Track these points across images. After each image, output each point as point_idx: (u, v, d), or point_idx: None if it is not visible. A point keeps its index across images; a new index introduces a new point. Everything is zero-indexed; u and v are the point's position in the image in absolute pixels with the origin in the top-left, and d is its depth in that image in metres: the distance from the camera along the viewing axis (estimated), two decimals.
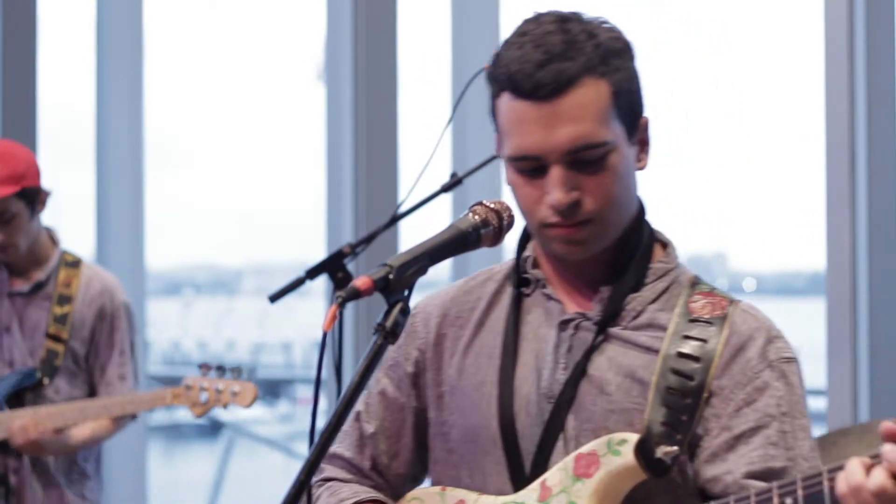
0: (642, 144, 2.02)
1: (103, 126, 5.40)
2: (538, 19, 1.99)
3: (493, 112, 2.01)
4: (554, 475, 1.94)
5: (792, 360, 2.00)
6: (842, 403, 4.92)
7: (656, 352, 1.97)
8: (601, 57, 1.94)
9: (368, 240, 3.51)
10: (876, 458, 1.70)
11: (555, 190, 1.93)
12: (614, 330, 2.00)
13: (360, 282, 1.78)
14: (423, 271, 1.86)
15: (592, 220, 1.95)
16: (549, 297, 2.04)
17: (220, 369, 3.82)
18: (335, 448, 2.18)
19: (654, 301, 2.02)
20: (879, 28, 4.93)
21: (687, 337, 1.97)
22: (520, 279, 2.08)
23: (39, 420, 3.77)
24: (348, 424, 2.18)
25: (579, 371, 1.98)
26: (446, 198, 3.75)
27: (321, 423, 1.76)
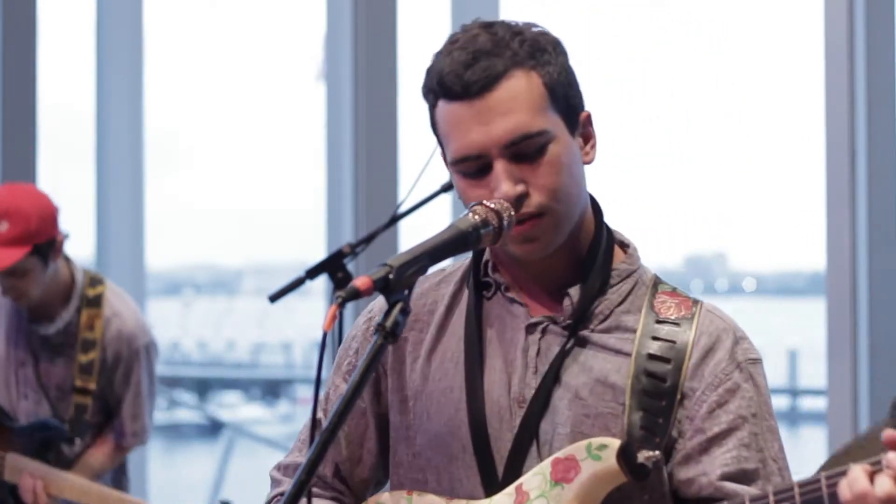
0: (586, 139, 2.02)
1: (103, 126, 5.40)
2: (464, 28, 2.00)
3: (433, 125, 2.02)
4: (531, 480, 1.94)
5: (757, 362, 2.01)
6: (842, 403, 4.93)
7: (627, 354, 1.97)
8: (528, 52, 1.95)
9: (368, 240, 3.51)
10: (877, 465, 1.71)
11: (500, 184, 1.93)
12: (584, 333, 1.99)
13: (360, 282, 1.78)
14: (422, 271, 1.86)
15: (543, 213, 1.94)
16: (511, 301, 2.03)
17: None
18: (293, 458, 2.15)
19: (620, 303, 2.01)
20: (879, 28, 4.94)
21: (655, 338, 1.97)
22: (479, 283, 2.07)
23: (49, 482, 3.67)
24: (305, 433, 2.16)
25: (552, 376, 1.97)
26: (446, 198, 3.75)
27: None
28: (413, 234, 4.72)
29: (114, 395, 3.90)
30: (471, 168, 1.96)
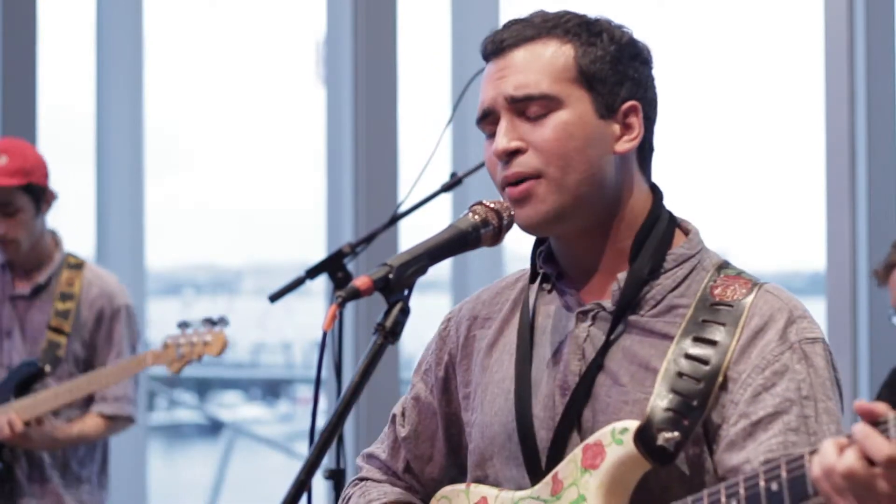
0: (627, 129, 1.99)
1: (103, 126, 5.40)
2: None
3: None
4: (565, 467, 1.92)
5: (817, 341, 1.92)
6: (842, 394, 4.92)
7: (671, 338, 1.92)
8: (572, 27, 1.97)
9: (368, 240, 3.51)
10: (850, 438, 1.62)
11: (498, 136, 1.94)
12: (632, 318, 1.96)
13: (360, 282, 1.78)
14: (422, 271, 1.86)
15: (538, 176, 1.93)
16: (564, 290, 2.02)
17: (188, 324, 3.86)
18: (374, 448, 2.20)
19: (674, 288, 1.97)
20: (879, 28, 4.94)
21: (705, 321, 1.92)
22: (535, 274, 2.06)
23: (20, 411, 3.76)
24: (387, 426, 2.19)
25: (595, 363, 1.95)
26: (446, 198, 3.75)
27: (321, 422, 1.76)
28: (413, 234, 4.72)
29: (97, 359, 3.96)
30: (488, 127, 1.99)
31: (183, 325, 3.87)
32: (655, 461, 1.85)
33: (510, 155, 1.93)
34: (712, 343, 1.90)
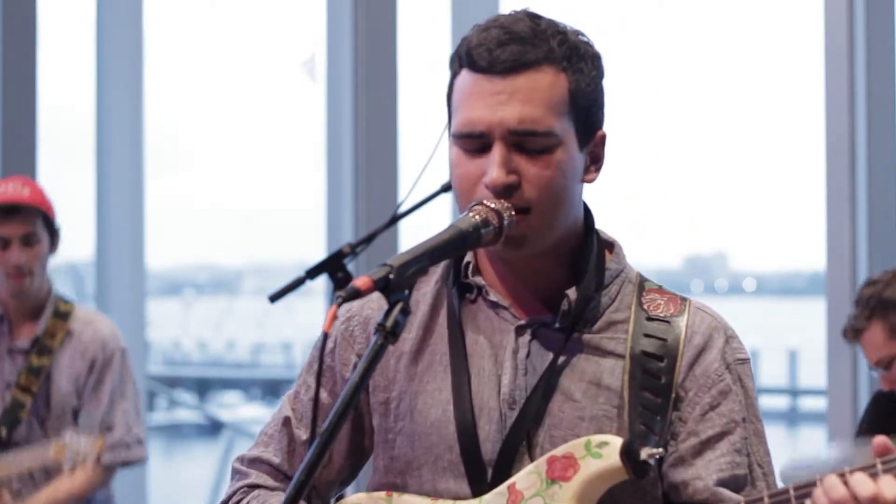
0: (594, 159, 1.99)
1: (103, 126, 5.40)
2: (512, 13, 1.99)
3: (449, 93, 2.00)
4: (525, 478, 1.92)
5: (746, 361, 2.01)
6: (842, 403, 4.93)
7: (620, 356, 1.96)
8: (565, 53, 1.93)
9: (368, 240, 3.51)
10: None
11: (493, 168, 1.91)
12: (576, 336, 1.98)
13: (360, 282, 1.77)
14: (423, 271, 1.85)
15: (530, 209, 1.92)
16: (495, 304, 2.02)
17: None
18: (259, 452, 2.13)
19: (610, 304, 2.00)
20: (879, 28, 4.94)
21: (647, 335, 1.96)
22: (461, 285, 2.05)
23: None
24: (273, 428, 2.13)
25: (545, 378, 1.96)
26: (446, 198, 3.75)
27: (321, 423, 1.76)
28: (413, 234, 4.72)
29: (83, 408, 3.84)
30: (472, 144, 1.95)
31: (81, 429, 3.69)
32: (636, 475, 1.88)
33: (506, 188, 1.91)
34: (660, 358, 1.95)
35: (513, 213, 1.92)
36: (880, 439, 1.71)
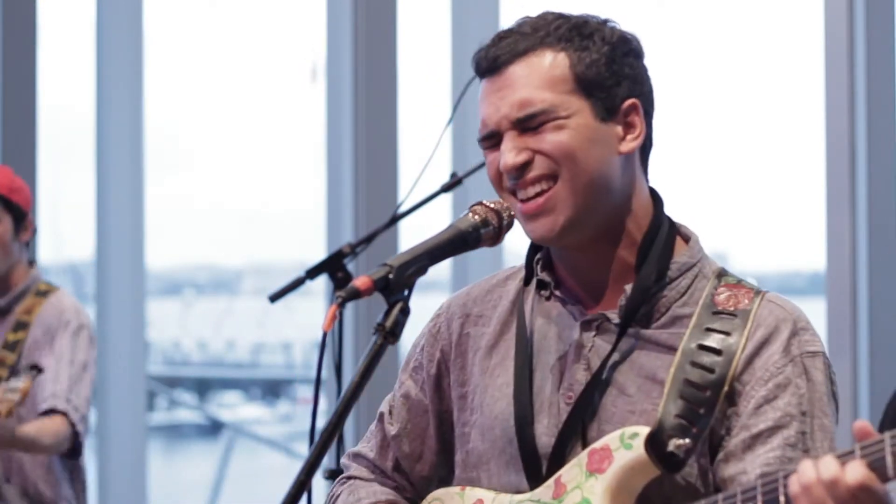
0: (629, 128, 1.99)
1: (103, 126, 5.40)
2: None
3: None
4: (568, 471, 1.93)
5: (817, 355, 1.97)
6: (842, 403, 4.92)
7: (677, 350, 1.93)
8: (563, 34, 1.96)
9: (368, 240, 3.51)
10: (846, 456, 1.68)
11: (504, 153, 1.94)
12: (637, 331, 1.96)
13: (360, 282, 1.78)
14: (422, 271, 1.86)
15: (556, 175, 1.93)
16: (565, 299, 2.02)
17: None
18: (360, 448, 2.19)
19: (678, 299, 1.98)
20: (879, 28, 4.94)
21: (710, 329, 1.92)
22: (530, 278, 2.06)
23: None
24: (374, 425, 2.19)
25: (601, 372, 1.95)
26: (446, 198, 3.75)
27: (321, 423, 1.76)
28: (413, 234, 4.72)
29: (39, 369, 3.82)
30: (490, 143, 1.98)
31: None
32: (664, 468, 1.86)
33: (520, 169, 1.93)
34: (717, 352, 1.91)
35: (512, 213, 1.93)
36: (860, 423, 1.67)
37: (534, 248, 2.08)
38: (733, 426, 1.91)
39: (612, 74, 1.97)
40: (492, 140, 1.97)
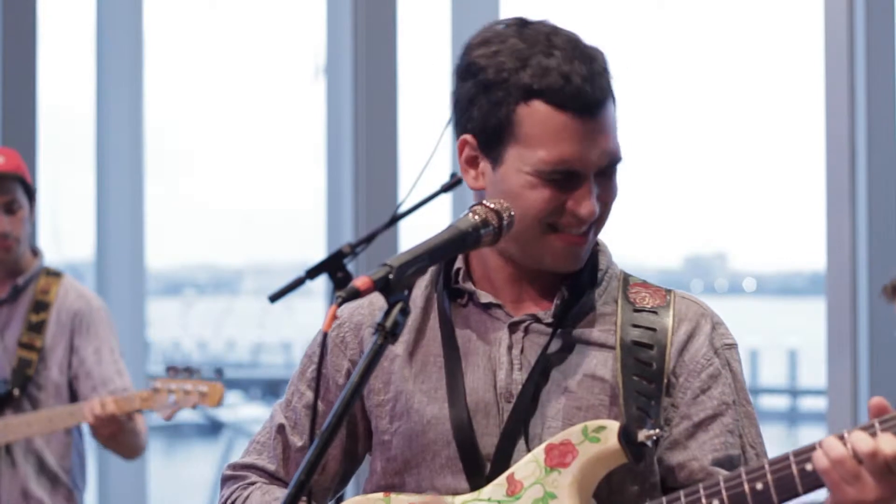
0: None
1: (103, 127, 5.40)
2: (534, 27, 2.00)
3: (508, 117, 1.97)
4: (523, 468, 1.94)
5: (733, 346, 2.07)
6: (842, 403, 4.93)
7: (611, 347, 2.00)
8: (611, 79, 2.01)
9: (368, 240, 3.51)
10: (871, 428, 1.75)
11: (591, 201, 1.97)
12: (567, 330, 2.02)
13: (360, 282, 1.78)
14: (422, 271, 1.87)
15: (593, 230, 2.01)
16: (486, 306, 2.05)
17: (188, 370, 3.75)
18: (252, 459, 2.15)
19: (599, 298, 2.05)
20: (879, 28, 4.94)
21: (636, 325, 2.01)
22: (451, 290, 2.08)
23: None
24: (265, 436, 2.16)
25: (539, 371, 2.00)
26: (446, 198, 3.75)
27: (321, 423, 1.76)
28: (413, 234, 4.72)
29: (83, 370, 3.85)
30: (561, 177, 1.97)
31: (172, 369, 3.73)
32: (633, 458, 1.92)
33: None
34: (649, 346, 2.00)
35: (512, 213, 1.93)
36: (876, 400, 1.75)
37: (452, 260, 2.09)
38: (672, 416, 2.00)
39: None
40: (564, 175, 1.97)
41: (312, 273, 3.45)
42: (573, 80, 1.94)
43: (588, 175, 1.97)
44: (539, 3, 2.09)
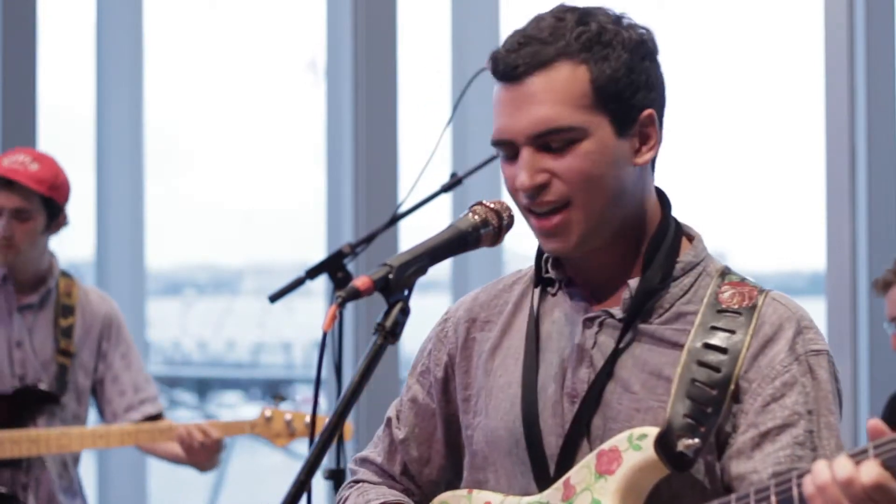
0: (644, 139, 1.96)
1: (103, 127, 5.40)
2: (551, 10, 1.97)
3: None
4: (577, 473, 1.92)
5: (821, 353, 1.95)
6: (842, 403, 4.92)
7: (682, 346, 1.92)
8: (584, 43, 1.91)
9: (368, 240, 3.51)
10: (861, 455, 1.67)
11: (520, 172, 1.91)
12: (641, 326, 1.95)
13: (360, 282, 1.78)
14: (422, 271, 1.86)
15: (566, 206, 1.92)
16: (573, 296, 2.01)
17: (281, 398, 3.79)
18: (367, 453, 2.19)
19: (682, 296, 1.97)
20: (879, 28, 4.94)
21: (714, 328, 1.92)
22: (542, 279, 2.05)
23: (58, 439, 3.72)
24: (381, 430, 2.19)
25: (605, 370, 1.95)
26: (446, 198, 3.75)
27: (321, 422, 1.76)
28: (413, 234, 4.72)
29: (110, 374, 3.88)
30: (506, 151, 1.95)
31: (278, 397, 3.81)
32: (674, 467, 1.86)
33: (536, 189, 1.91)
34: (723, 350, 1.91)
35: (512, 213, 1.93)
36: (873, 422, 1.66)
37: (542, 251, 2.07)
38: (740, 423, 1.90)
39: (630, 84, 1.93)
40: (507, 149, 1.95)
41: (312, 273, 3.45)
42: (503, 49, 1.93)
43: (520, 145, 1.91)
44: (539, 4, 2.07)
